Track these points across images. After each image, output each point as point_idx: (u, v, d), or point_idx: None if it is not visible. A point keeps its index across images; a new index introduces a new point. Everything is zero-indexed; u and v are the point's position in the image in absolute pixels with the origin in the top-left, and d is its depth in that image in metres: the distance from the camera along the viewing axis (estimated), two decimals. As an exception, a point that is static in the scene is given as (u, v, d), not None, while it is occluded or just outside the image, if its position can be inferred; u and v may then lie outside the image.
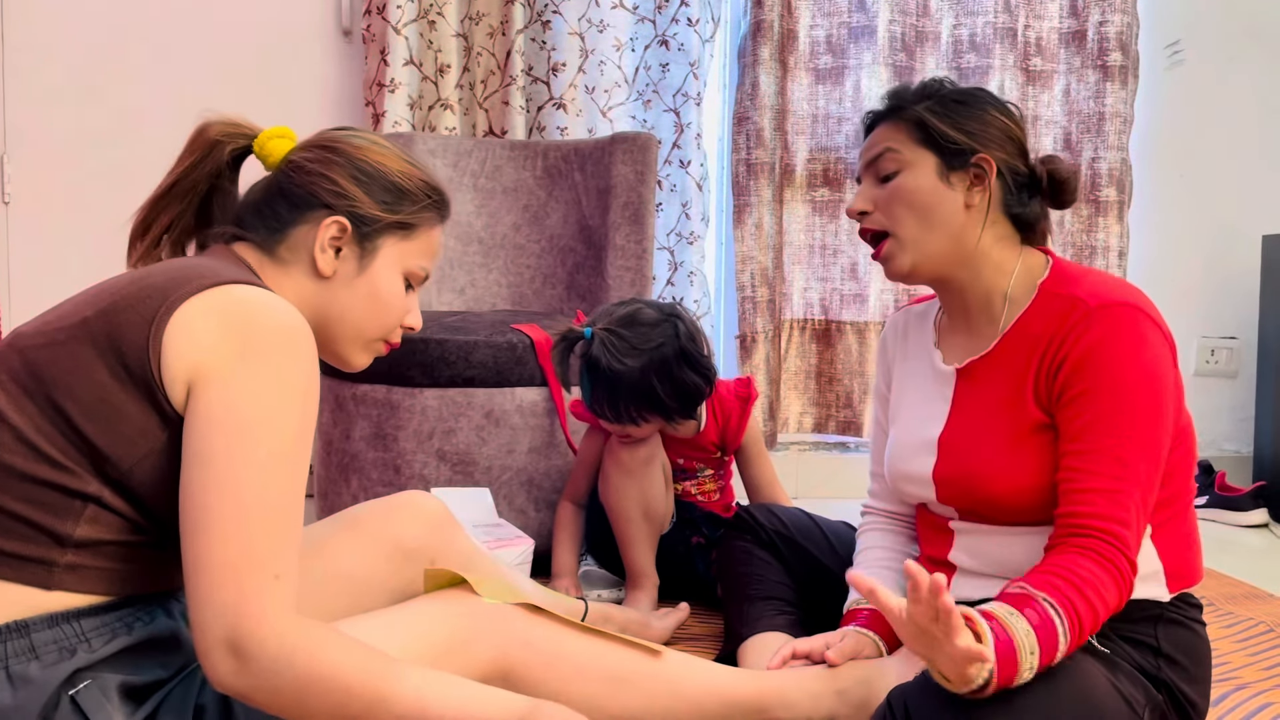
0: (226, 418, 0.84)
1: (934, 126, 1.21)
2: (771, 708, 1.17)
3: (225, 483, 0.82)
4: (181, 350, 0.86)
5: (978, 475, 1.19)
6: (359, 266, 1.05)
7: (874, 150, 1.24)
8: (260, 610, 0.81)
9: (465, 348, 2.01)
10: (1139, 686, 1.11)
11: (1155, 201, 3.13)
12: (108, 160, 2.78)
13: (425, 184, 1.09)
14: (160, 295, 0.89)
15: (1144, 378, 1.09)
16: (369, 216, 1.04)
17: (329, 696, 0.82)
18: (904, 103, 1.25)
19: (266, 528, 0.83)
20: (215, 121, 1.07)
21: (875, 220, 1.23)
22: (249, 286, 0.92)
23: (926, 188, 1.21)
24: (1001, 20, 2.95)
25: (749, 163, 2.86)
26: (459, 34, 2.76)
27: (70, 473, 0.86)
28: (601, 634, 1.10)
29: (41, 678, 0.83)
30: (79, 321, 0.89)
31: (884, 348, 1.44)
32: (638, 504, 1.80)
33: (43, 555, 0.85)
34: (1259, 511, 2.74)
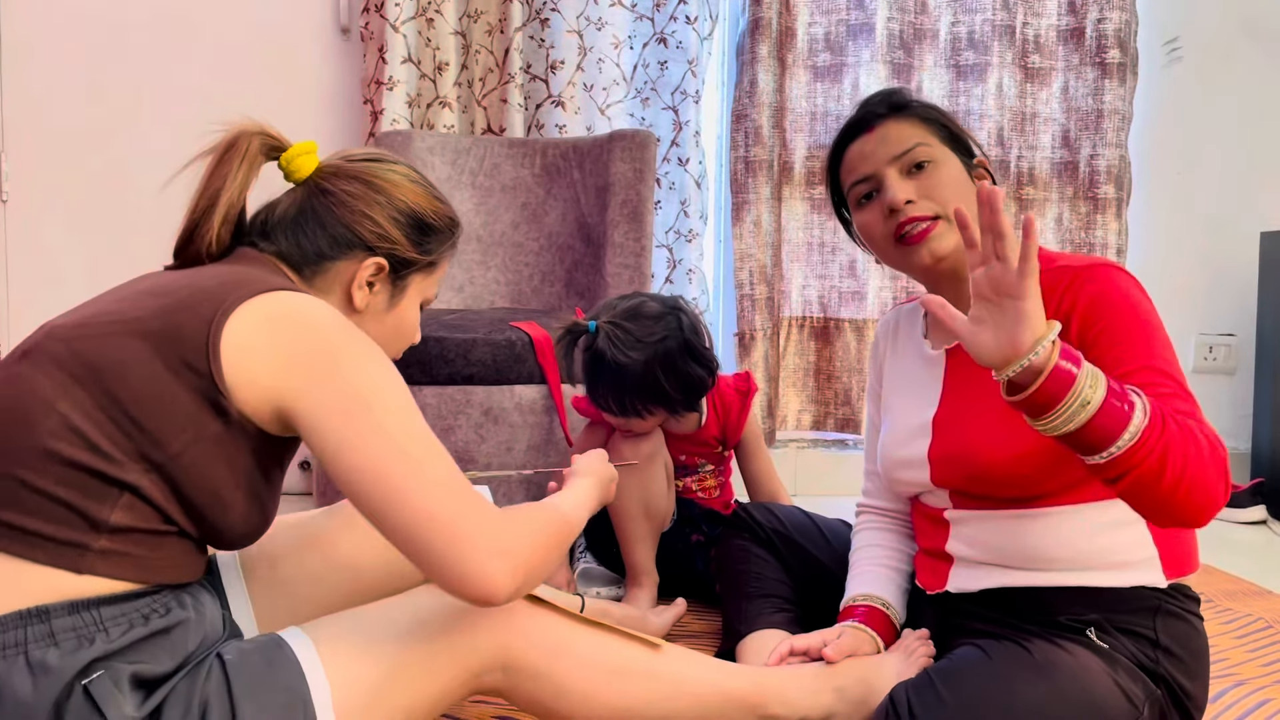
0: (350, 401, 0.91)
1: (956, 128, 1.27)
2: (770, 704, 1.18)
3: (388, 448, 0.90)
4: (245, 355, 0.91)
5: (972, 447, 1.20)
6: (389, 303, 1.12)
7: (902, 144, 1.24)
8: (496, 516, 0.92)
9: (464, 345, 2.00)
10: (1138, 682, 1.11)
11: (1153, 198, 3.13)
12: (105, 158, 2.78)
13: (451, 220, 1.15)
14: (216, 298, 0.93)
15: (1146, 307, 1.13)
16: (406, 259, 1.10)
17: (548, 530, 0.99)
18: (903, 105, 1.28)
19: (440, 463, 0.92)
20: (254, 134, 1.07)
21: (923, 207, 1.22)
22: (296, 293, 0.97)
23: (962, 180, 1.24)
24: (1000, 17, 2.96)
25: (747, 160, 2.86)
26: (457, 32, 2.76)
27: (112, 460, 0.88)
28: (602, 626, 1.10)
29: (59, 666, 0.84)
30: (133, 319, 0.92)
31: (876, 346, 1.46)
32: (639, 501, 1.80)
33: (77, 539, 0.87)
34: (1257, 508, 2.75)
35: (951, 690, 1.07)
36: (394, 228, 1.09)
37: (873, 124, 1.27)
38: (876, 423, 1.44)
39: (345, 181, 1.09)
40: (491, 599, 0.89)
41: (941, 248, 1.21)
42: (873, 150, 1.25)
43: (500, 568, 0.89)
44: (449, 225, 1.15)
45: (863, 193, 1.27)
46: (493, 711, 1.36)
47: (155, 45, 2.78)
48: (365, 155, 1.12)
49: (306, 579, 1.16)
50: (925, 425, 1.27)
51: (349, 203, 1.07)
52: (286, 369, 0.91)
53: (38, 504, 0.87)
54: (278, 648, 0.94)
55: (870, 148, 1.26)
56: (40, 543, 0.86)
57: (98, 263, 2.79)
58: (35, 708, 0.83)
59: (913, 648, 1.27)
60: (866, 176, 1.26)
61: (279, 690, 0.91)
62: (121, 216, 2.79)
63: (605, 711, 1.08)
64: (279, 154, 1.10)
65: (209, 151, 1.06)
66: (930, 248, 1.21)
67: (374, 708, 0.95)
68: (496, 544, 0.90)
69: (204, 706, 0.88)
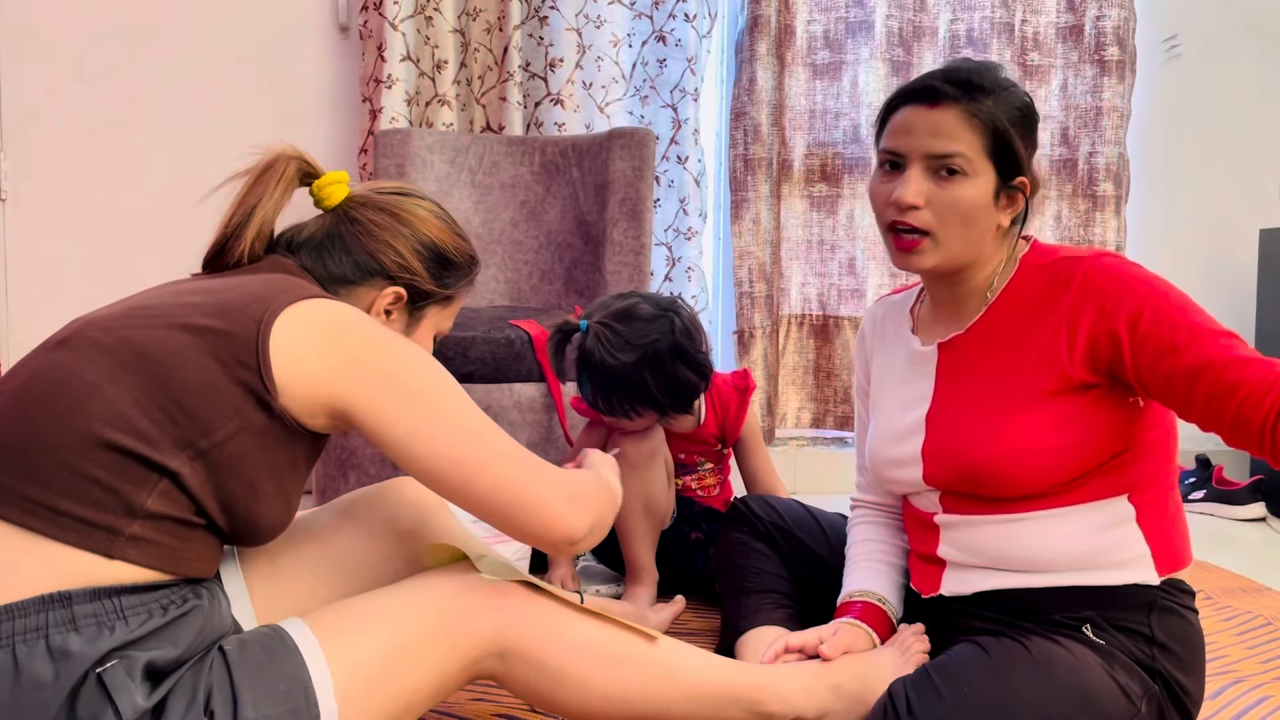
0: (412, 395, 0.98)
1: (1010, 142, 1.18)
2: (766, 701, 1.18)
3: (451, 430, 0.99)
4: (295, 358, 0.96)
5: (967, 443, 1.19)
6: (405, 332, 1.17)
7: (946, 146, 1.17)
8: (562, 473, 1.04)
9: (463, 344, 2.01)
10: (1135, 677, 1.11)
11: (1152, 196, 3.13)
12: (104, 157, 2.78)
13: (470, 258, 1.21)
14: (264, 301, 0.97)
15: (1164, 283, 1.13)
16: (425, 291, 1.16)
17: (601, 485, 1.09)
18: (979, 91, 1.18)
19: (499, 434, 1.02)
20: (292, 158, 1.12)
21: (921, 219, 1.18)
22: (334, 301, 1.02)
23: (982, 206, 1.18)
24: (999, 15, 2.96)
25: (746, 158, 2.86)
26: (456, 30, 2.76)
27: (155, 445, 0.90)
28: (599, 616, 1.11)
29: (80, 653, 0.85)
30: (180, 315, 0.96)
31: (862, 340, 1.44)
32: (639, 498, 1.80)
33: (111, 523, 0.89)
34: (1256, 505, 2.75)
35: (949, 686, 1.07)
36: (415, 259, 1.14)
37: (935, 101, 1.18)
38: (865, 420, 1.44)
39: (373, 211, 1.14)
40: (573, 537, 1.01)
41: (920, 265, 1.21)
42: (917, 131, 1.18)
43: (574, 510, 1.01)
44: (468, 262, 1.20)
45: (888, 160, 1.22)
46: (492, 709, 1.36)
47: (154, 44, 2.77)
48: (394, 189, 1.18)
49: (303, 573, 1.17)
50: (919, 422, 1.27)
51: (375, 232, 1.13)
52: (341, 369, 0.97)
53: (75, 485, 0.88)
54: (278, 637, 0.95)
55: (916, 123, 1.19)
56: (72, 524, 0.88)
57: (97, 261, 2.79)
58: (55, 692, 0.84)
59: (908, 643, 1.28)
60: (899, 153, 1.20)
61: (280, 677, 0.92)
62: (121, 215, 2.79)
63: (599, 700, 1.09)
64: (312, 179, 1.15)
65: (246, 172, 1.11)
66: (909, 261, 1.21)
67: (374, 693, 0.96)
68: (567, 492, 1.02)
69: (208, 696, 0.89)
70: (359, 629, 0.98)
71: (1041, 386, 1.16)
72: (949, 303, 1.28)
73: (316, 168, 1.15)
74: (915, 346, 1.30)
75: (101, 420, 0.89)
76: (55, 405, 0.90)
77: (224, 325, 0.94)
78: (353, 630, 0.98)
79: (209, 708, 0.89)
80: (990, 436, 1.17)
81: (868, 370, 1.42)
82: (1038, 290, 1.19)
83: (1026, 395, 1.16)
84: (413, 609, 1.01)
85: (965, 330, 1.25)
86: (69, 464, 0.88)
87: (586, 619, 1.10)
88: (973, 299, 1.26)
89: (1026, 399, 1.16)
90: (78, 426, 0.89)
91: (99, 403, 0.90)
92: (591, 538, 1.04)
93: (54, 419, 0.90)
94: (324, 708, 0.92)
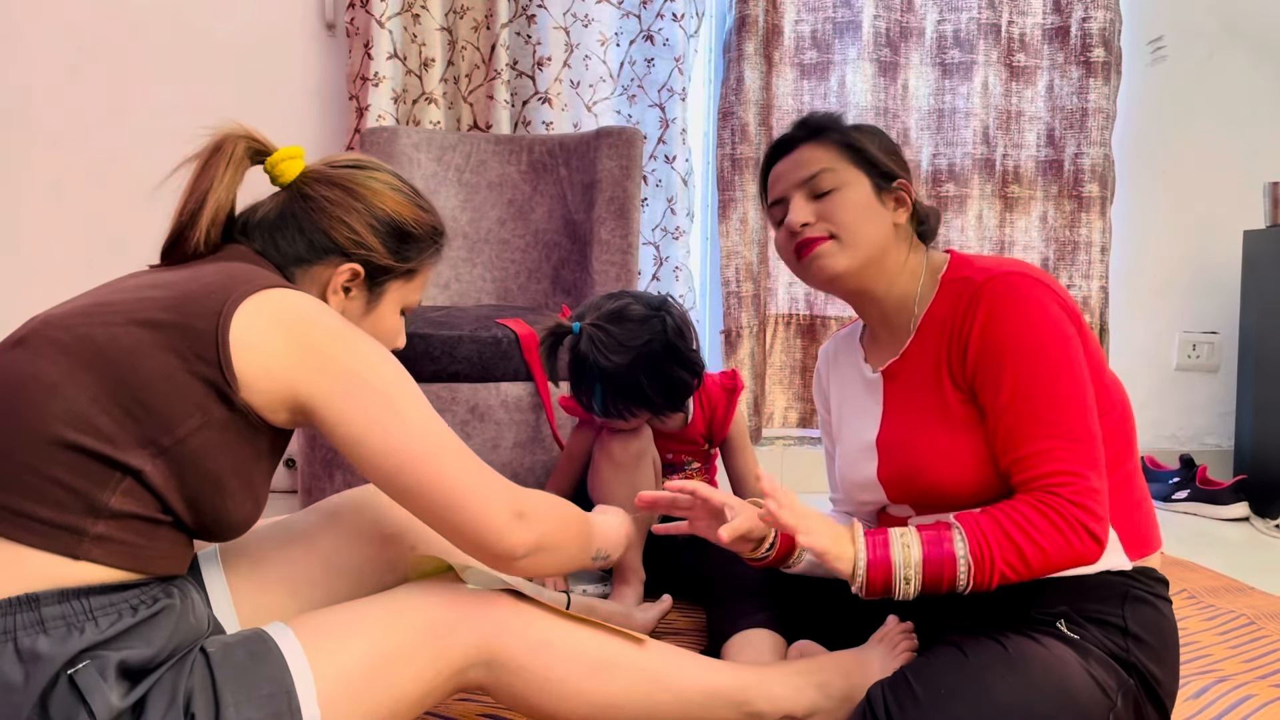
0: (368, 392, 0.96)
1: (867, 149, 1.28)
2: (754, 700, 1.18)
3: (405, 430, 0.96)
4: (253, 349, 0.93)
5: (917, 468, 1.22)
6: (365, 309, 1.13)
7: (808, 169, 1.27)
8: (510, 486, 0.99)
9: (450, 343, 2.00)
10: (1110, 672, 1.12)
11: (1137, 197, 3.15)
12: (90, 154, 2.76)
13: (433, 229, 1.16)
14: (223, 292, 0.95)
15: (1042, 335, 1.14)
16: (382, 266, 1.12)
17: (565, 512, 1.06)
18: (821, 128, 1.30)
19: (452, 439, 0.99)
20: (239, 135, 1.08)
21: (818, 229, 1.26)
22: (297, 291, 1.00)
23: (864, 203, 1.26)
24: (985, 16, 2.97)
25: (734, 158, 2.86)
26: (443, 28, 2.75)
27: (116, 444, 0.89)
28: (586, 621, 1.10)
29: (50, 654, 0.84)
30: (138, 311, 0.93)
31: (819, 377, 1.50)
32: (627, 499, 1.80)
33: (75, 524, 0.87)
34: (1239, 505, 2.77)
35: (926, 687, 1.08)
36: (371, 235, 1.10)
37: (790, 148, 1.31)
38: (831, 450, 1.48)
39: (325, 187, 1.10)
40: (512, 552, 0.98)
41: (829, 267, 1.25)
42: (785, 174, 1.30)
43: (518, 526, 0.98)
44: (430, 234, 1.16)
45: (777, 216, 1.32)
46: (478, 709, 1.36)
47: (141, 41, 2.76)
48: (349, 161, 1.14)
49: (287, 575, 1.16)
50: (870, 447, 1.30)
51: (327, 209, 1.09)
52: (301, 363, 0.95)
53: (37, 486, 0.87)
54: (261, 641, 0.94)
55: (784, 170, 1.30)
56: (36, 526, 0.86)
57: (83, 258, 2.77)
58: (25, 696, 0.83)
59: (895, 640, 1.28)
60: (779, 199, 1.31)
61: (263, 681, 0.91)
62: (106, 212, 2.77)
63: (588, 706, 1.08)
64: (264, 157, 1.11)
65: (195, 156, 1.07)
66: (818, 267, 1.26)
67: (358, 700, 0.95)
68: (513, 505, 0.98)
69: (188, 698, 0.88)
70: (344, 636, 0.97)
71: (960, 399, 1.20)
72: (881, 322, 1.32)
73: (268, 144, 1.11)
74: (867, 374, 1.35)
75: (61, 421, 0.88)
76: (14, 407, 0.89)
77: (182, 319, 0.92)
78: (337, 637, 0.97)
79: (190, 710, 0.88)
80: (933, 458, 1.20)
81: (828, 404, 1.47)
82: (948, 306, 1.23)
83: (957, 414, 1.20)
84: (398, 618, 1.00)
85: (900, 355, 1.28)
86: (30, 466, 0.87)
87: (573, 625, 1.09)
88: (901, 317, 1.29)
89: (958, 417, 1.20)
90: (37, 428, 0.88)
91: (58, 403, 0.88)
92: (539, 561, 1.01)
93: (13, 420, 0.88)
94: (306, 713, 0.91)
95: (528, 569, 1.01)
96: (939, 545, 1.08)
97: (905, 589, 1.09)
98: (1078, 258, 3.02)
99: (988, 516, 1.09)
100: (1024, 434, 1.12)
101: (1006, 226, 3.04)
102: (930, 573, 1.08)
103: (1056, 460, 1.10)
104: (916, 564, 1.08)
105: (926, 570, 1.08)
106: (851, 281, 1.27)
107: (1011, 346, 1.14)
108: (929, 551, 1.08)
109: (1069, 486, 1.09)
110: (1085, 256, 3.02)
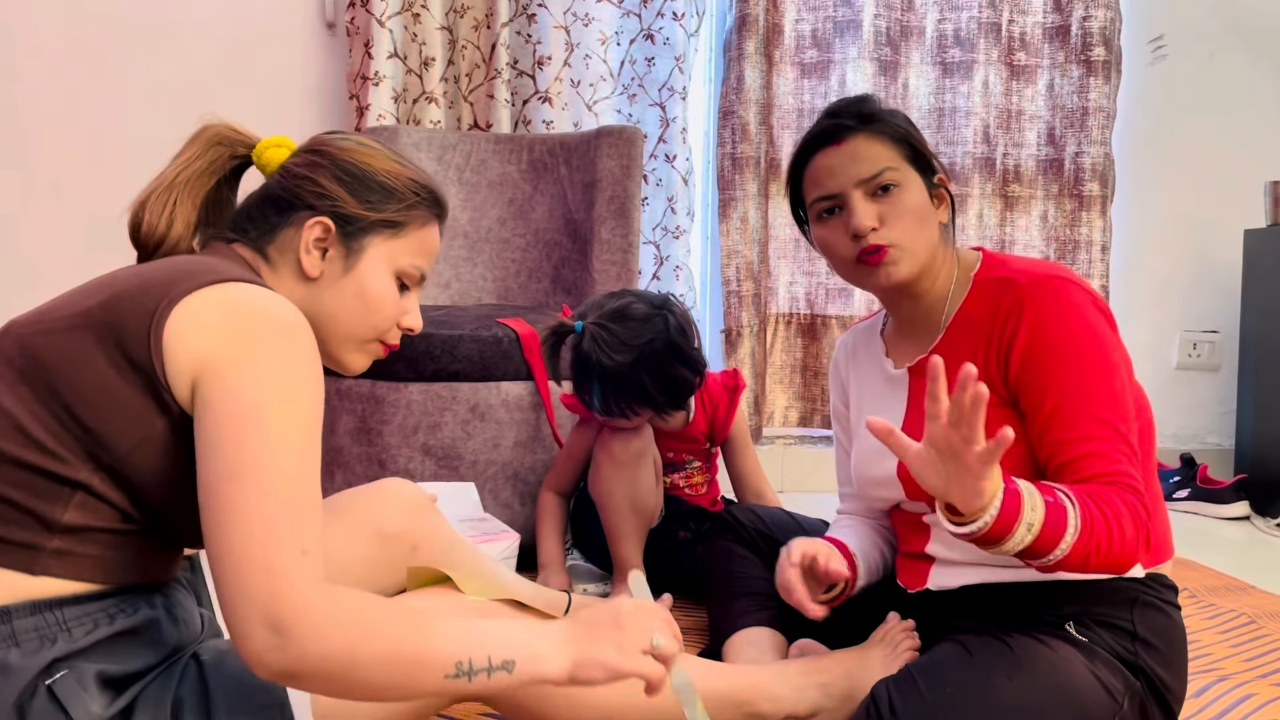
0: (235, 406, 0.84)
1: (917, 144, 1.25)
2: (756, 701, 1.18)
3: (241, 468, 0.82)
4: (185, 344, 0.86)
5: None
6: (345, 266, 1.04)
7: (871, 166, 1.21)
8: (292, 584, 0.79)
9: (450, 342, 2.00)
10: (1118, 674, 1.12)
11: (1138, 196, 3.15)
12: (88, 154, 2.76)
13: (413, 182, 1.07)
14: (162, 289, 0.88)
15: (1090, 340, 1.13)
16: (352, 215, 1.03)
17: (378, 645, 0.80)
18: (871, 116, 1.24)
19: (288, 507, 0.82)
20: (214, 124, 1.06)
21: (884, 236, 1.21)
22: (250, 285, 0.91)
23: (925, 206, 1.23)
24: (986, 15, 2.96)
25: (734, 157, 2.86)
26: (443, 27, 2.75)
27: (61, 459, 0.85)
28: None
29: (20, 665, 0.82)
30: (80, 311, 0.89)
31: (836, 369, 1.47)
32: (627, 497, 1.80)
33: (29, 540, 0.85)
34: (1240, 504, 2.77)
35: (931, 685, 1.07)
36: (336, 185, 1.03)
37: (842, 137, 1.23)
38: (845, 444, 1.46)
39: (296, 157, 1.07)
40: (257, 664, 0.78)
41: (898, 273, 1.21)
42: (840, 167, 1.23)
43: (266, 642, 0.78)
44: (410, 187, 1.07)
45: (825, 208, 1.25)
46: (479, 709, 1.36)
47: (141, 41, 2.76)
48: (327, 132, 1.10)
49: None
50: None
51: (294, 170, 1.05)
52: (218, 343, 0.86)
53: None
54: None
55: (838, 163, 1.23)
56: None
57: (79, 259, 2.77)
58: None
59: (898, 639, 1.28)
60: (832, 194, 1.23)
61: (257, 691, 0.89)
62: (104, 213, 2.77)
63: (591, 713, 1.07)
64: (246, 149, 1.08)
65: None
66: (887, 271, 1.21)
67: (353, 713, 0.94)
68: (274, 613, 0.78)
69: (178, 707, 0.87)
70: None
71: (995, 401, 1.18)
72: (911, 320, 1.30)
73: (249, 136, 1.08)
74: (889, 369, 1.32)
75: (5, 437, 0.85)
76: None
77: (115, 318, 0.87)
78: None
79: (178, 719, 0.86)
80: None
81: (845, 396, 1.44)
82: (985, 305, 1.21)
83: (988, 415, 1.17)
84: None
85: (929, 352, 1.26)
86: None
87: None
88: (931, 314, 1.27)
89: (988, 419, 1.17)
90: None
91: (2, 419, 0.85)
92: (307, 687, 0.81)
93: None
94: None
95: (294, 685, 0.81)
96: (1059, 510, 1.00)
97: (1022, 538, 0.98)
98: (1078, 257, 3.02)
99: (1086, 495, 1.03)
100: (1077, 434, 1.10)
101: (1007, 225, 3.04)
102: (1044, 532, 0.99)
103: (1113, 460, 1.08)
104: (1039, 520, 0.99)
105: (1043, 529, 0.99)
106: (907, 282, 1.24)
107: (1060, 350, 1.13)
108: (1050, 514, 0.99)
109: (1131, 481, 1.07)
110: (1086, 255, 3.02)
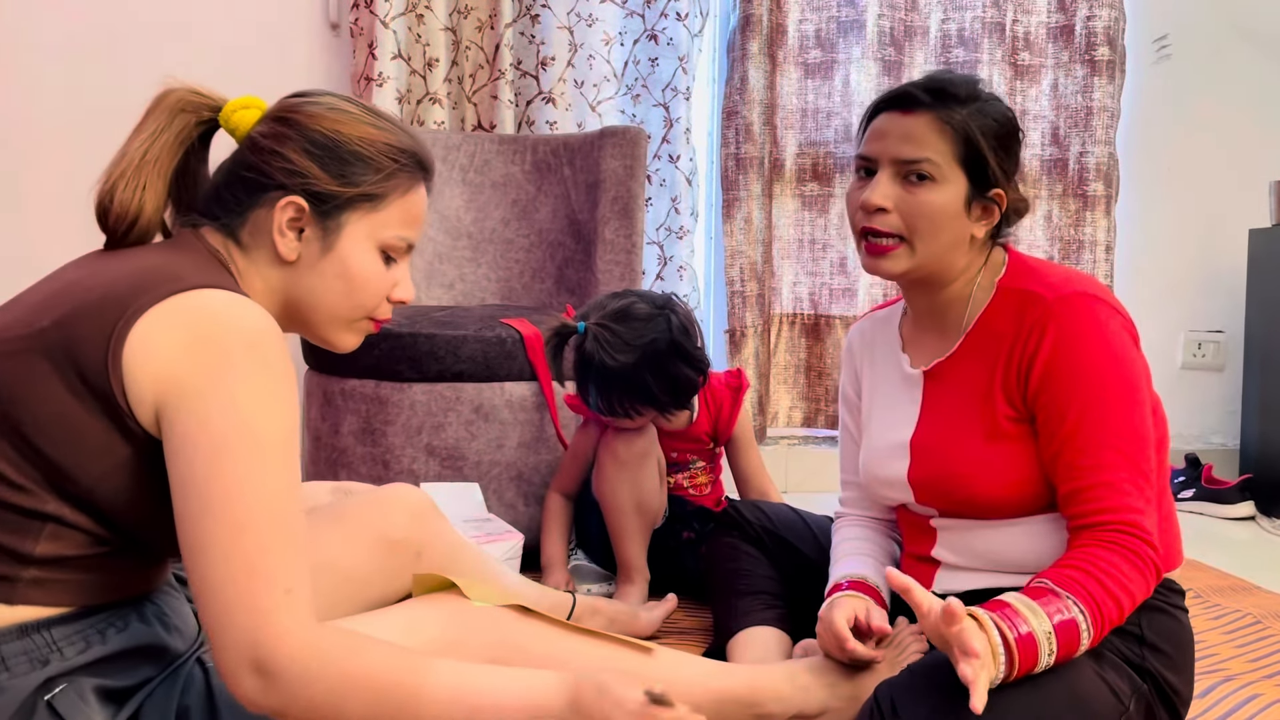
0: (204, 437, 0.80)
1: (981, 152, 1.17)
2: (763, 702, 1.18)
3: (216, 504, 0.79)
4: (145, 368, 0.82)
5: (954, 476, 1.20)
6: (323, 247, 0.97)
7: (913, 152, 1.17)
8: (279, 627, 0.78)
9: (454, 342, 2.00)
10: (1124, 677, 1.11)
11: (1142, 196, 3.14)
12: (91, 155, 2.76)
13: (390, 147, 1.00)
14: (119, 305, 0.84)
15: (1114, 364, 1.12)
16: (326, 193, 0.96)
17: (365, 695, 0.80)
18: (953, 100, 1.18)
19: (267, 543, 0.79)
20: (176, 89, 0.99)
21: (890, 223, 1.17)
22: (210, 290, 0.87)
23: (951, 212, 1.18)
24: (990, 15, 2.96)
25: (738, 157, 2.86)
26: (447, 28, 2.75)
27: (27, 492, 0.82)
28: (592, 633, 1.10)
29: (13, 687, 0.81)
30: (35, 332, 0.84)
31: (850, 355, 1.43)
32: (631, 497, 1.80)
33: (4, 573, 0.83)
34: (1245, 504, 2.76)
35: (934, 686, 1.07)
36: (306, 159, 0.96)
37: (908, 107, 1.19)
38: (853, 432, 1.42)
39: (263, 124, 1.00)
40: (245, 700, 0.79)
41: (890, 269, 1.19)
42: (889, 134, 1.19)
43: (253, 685, 0.78)
44: (387, 153, 0.99)
45: (862, 166, 1.22)
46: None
47: (143, 42, 2.76)
48: (296, 93, 1.03)
49: None
50: (903, 446, 1.26)
51: (260, 144, 0.98)
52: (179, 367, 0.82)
53: None
54: None
55: (890, 129, 1.19)
56: None
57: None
58: None
59: (905, 643, 1.27)
60: (870, 157, 1.21)
61: None
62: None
63: None
64: (212, 113, 1.02)
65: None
66: (880, 265, 1.20)
67: None
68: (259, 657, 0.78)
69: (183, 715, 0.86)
70: None
71: (1011, 415, 1.17)
72: (928, 315, 1.27)
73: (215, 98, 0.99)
74: (906, 368, 1.30)
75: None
76: None
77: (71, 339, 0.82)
78: None
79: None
80: (972, 469, 1.18)
81: (858, 384, 1.41)
82: (1007, 317, 1.19)
83: (1003, 429, 1.17)
84: (406, 636, 0.98)
85: (947, 357, 1.24)
86: None
87: (580, 639, 1.08)
88: (951, 314, 1.25)
89: (1003, 432, 1.17)
90: None
91: None
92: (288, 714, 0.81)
93: None
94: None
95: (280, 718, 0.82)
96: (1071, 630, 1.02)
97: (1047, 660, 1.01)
98: (1082, 257, 3.02)
99: (1083, 574, 1.04)
100: (1089, 463, 1.10)
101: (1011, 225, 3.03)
102: (1062, 640, 1.02)
103: (1124, 494, 1.08)
104: (1050, 632, 1.01)
105: (1059, 652, 1.02)
106: (906, 277, 1.22)
107: (1081, 375, 1.11)
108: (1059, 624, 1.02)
109: (1139, 526, 1.07)
110: (1090, 255, 3.01)
